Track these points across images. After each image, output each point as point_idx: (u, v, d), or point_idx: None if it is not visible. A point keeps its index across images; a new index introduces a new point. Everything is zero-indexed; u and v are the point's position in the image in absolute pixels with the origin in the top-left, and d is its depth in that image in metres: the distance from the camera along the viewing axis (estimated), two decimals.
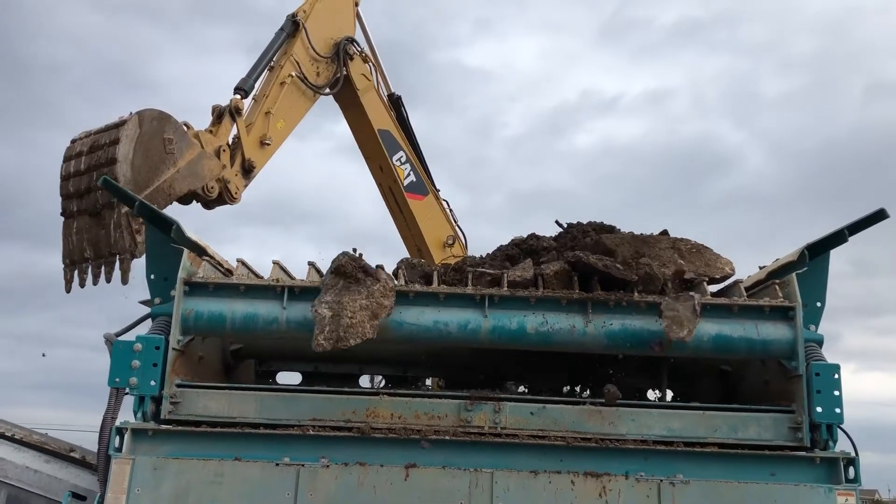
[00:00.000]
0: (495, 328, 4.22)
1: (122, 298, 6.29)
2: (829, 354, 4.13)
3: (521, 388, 5.50)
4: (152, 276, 4.57)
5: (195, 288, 4.29)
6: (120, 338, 4.39)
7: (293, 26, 8.49)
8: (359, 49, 9.32)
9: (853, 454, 4.05)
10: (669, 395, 5.45)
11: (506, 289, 4.31)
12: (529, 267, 4.49)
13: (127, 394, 4.19)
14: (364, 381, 5.72)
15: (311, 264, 4.66)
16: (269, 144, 8.11)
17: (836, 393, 4.05)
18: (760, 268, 4.94)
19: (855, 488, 3.96)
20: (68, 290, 6.98)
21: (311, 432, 4.13)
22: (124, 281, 6.62)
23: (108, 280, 6.72)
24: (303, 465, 4.01)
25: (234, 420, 4.19)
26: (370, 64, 9.48)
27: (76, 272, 6.95)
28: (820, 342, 4.28)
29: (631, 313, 4.21)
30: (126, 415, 4.20)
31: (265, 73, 8.27)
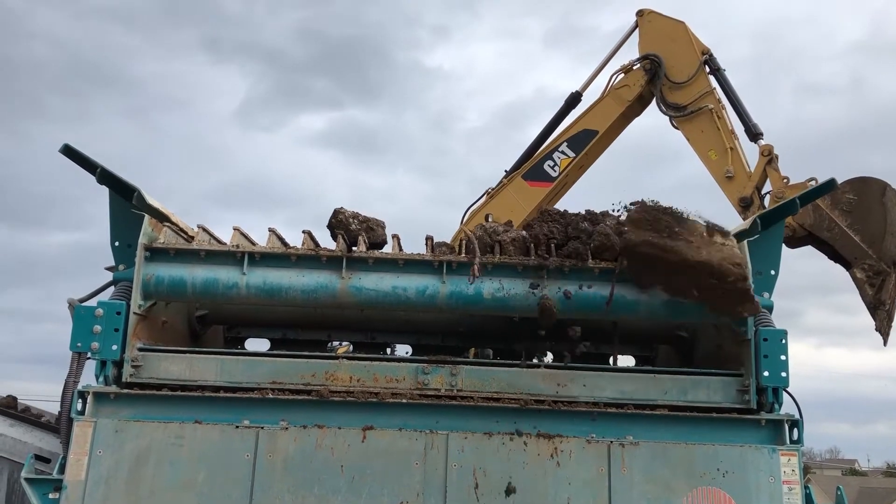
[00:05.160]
0: (452, 293, 4.29)
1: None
2: (792, 331, 4.21)
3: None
4: (116, 244, 4.60)
5: (156, 253, 4.34)
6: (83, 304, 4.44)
7: None
8: None
9: (797, 416, 4.17)
10: (631, 361, 5.56)
11: (463, 255, 4.38)
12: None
13: (89, 358, 4.25)
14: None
15: (272, 231, 4.70)
16: None
17: (783, 357, 4.15)
18: None
19: (798, 449, 4.09)
20: None
21: (271, 395, 4.21)
22: None
23: None
24: (262, 428, 4.09)
25: (194, 383, 4.26)
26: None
27: None
28: (770, 308, 4.38)
29: (585, 279, 4.28)
30: (89, 379, 4.27)
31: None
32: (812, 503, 4.05)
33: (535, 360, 4.92)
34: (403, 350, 5.74)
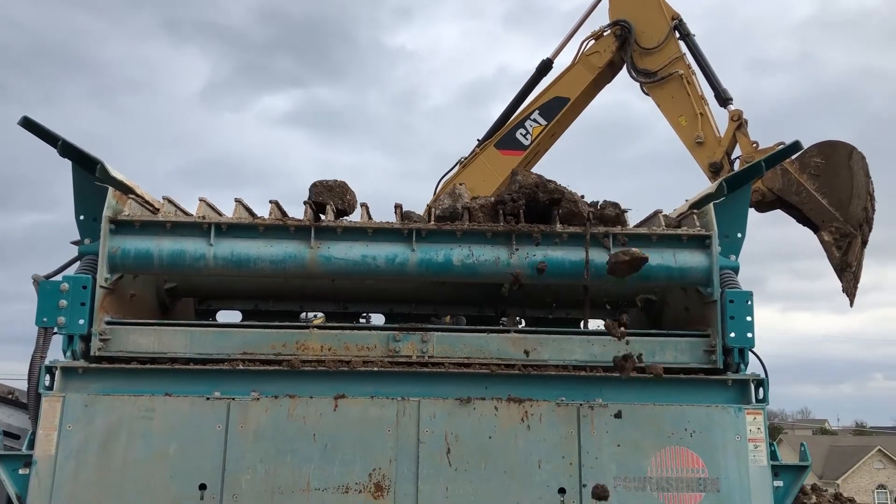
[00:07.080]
0: (422, 261, 4.29)
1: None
2: (757, 297, 4.27)
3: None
4: (81, 217, 4.54)
5: (121, 226, 4.28)
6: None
7: None
8: None
9: (763, 376, 4.25)
10: (600, 324, 5.61)
11: (432, 223, 4.37)
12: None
13: (56, 333, 4.21)
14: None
15: (239, 201, 4.65)
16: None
17: (749, 319, 4.21)
18: (686, 201, 5.05)
19: (763, 408, 4.16)
20: None
21: (242, 367, 4.20)
22: None
23: None
24: (233, 399, 4.08)
25: (164, 356, 4.24)
26: None
27: None
28: (736, 270, 4.43)
29: (553, 245, 4.30)
30: (57, 354, 4.23)
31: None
32: (777, 460, 4.14)
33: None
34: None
